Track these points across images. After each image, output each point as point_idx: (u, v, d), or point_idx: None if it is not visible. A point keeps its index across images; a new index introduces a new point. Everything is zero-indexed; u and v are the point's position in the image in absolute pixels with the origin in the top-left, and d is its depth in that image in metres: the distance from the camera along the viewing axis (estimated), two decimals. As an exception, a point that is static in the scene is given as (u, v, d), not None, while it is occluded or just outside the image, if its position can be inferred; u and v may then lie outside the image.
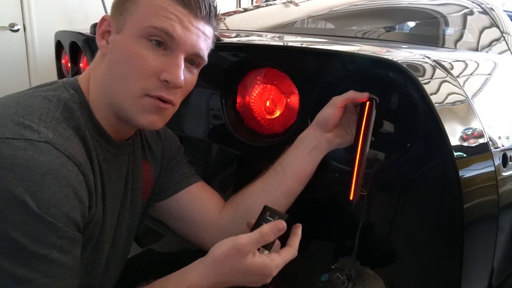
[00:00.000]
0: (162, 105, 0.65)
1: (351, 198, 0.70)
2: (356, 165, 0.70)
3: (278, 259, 0.63)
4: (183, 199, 0.84)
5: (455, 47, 1.28)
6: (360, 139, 0.71)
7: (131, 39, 0.63)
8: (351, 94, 0.73)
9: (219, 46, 0.74)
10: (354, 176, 0.70)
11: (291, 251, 0.66)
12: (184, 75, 0.65)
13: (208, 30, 0.67)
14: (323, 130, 0.76)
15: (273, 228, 0.63)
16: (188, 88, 0.69)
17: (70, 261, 0.56)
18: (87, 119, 0.65)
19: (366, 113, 0.71)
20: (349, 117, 0.77)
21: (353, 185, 0.70)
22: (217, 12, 0.69)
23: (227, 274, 0.62)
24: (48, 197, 0.52)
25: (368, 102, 0.71)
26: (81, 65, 1.53)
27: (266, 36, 1.23)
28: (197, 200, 0.84)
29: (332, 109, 0.75)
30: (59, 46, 1.68)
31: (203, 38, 0.66)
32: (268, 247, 0.65)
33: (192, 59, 0.67)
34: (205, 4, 0.65)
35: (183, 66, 0.64)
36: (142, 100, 0.63)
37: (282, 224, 0.63)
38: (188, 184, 0.85)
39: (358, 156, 0.70)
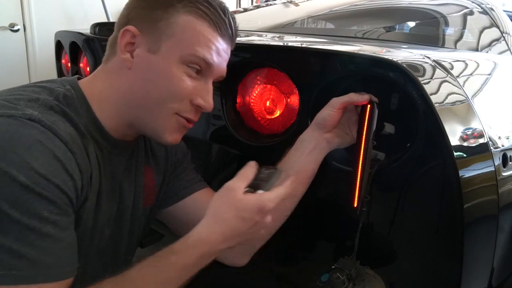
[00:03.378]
0: (188, 125, 0.68)
1: (355, 206, 0.70)
2: (359, 172, 0.70)
3: (269, 194, 0.62)
4: (189, 206, 0.83)
5: (455, 47, 1.28)
6: (362, 146, 0.70)
7: (172, 63, 0.64)
8: (351, 97, 0.73)
9: (219, 46, 0.74)
10: (357, 183, 0.69)
11: (282, 188, 0.64)
12: None
13: (230, 50, 0.70)
14: (322, 131, 0.76)
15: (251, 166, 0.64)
16: None
17: (67, 238, 0.55)
18: (84, 114, 0.65)
19: (367, 118, 0.70)
20: (349, 118, 0.77)
21: (356, 192, 0.70)
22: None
23: (229, 218, 0.60)
24: (36, 167, 0.51)
25: (369, 106, 0.71)
26: (81, 65, 1.53)
27: (266, 36, 1.23)
28: (203, 206, 0.82)
29: (330, 111, 0.74)
30: (59, 46, 1.68)
31: (226, 61, 0.69)
32: (261, 186, 0.63)
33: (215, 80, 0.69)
34: (235, 31, 0.68)
35: (212, 90, 0.67)
36: (172, 119, 0.66)
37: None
38: (194, 191, 0.84)
39: (360, 162, 0.70)
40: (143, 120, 0.67)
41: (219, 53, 0.66)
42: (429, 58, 0.80)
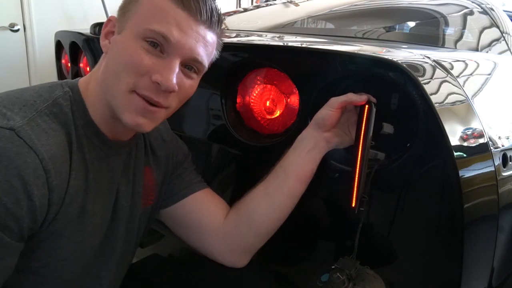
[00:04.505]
0: (150, 107, 0.64)
1: (353, 205, 0.70)
2: (357, 172, 0.70)
3: None
4: (189, 206, 0.84)
5: (455, 47, 1.28)
6: (360, 146, 0.70)
7: (129, 38, 0.63)
8: (349, 97, 0.73)
9: (219, 46, 0.74)
10: (355, 183, 0.70)
11: None
12: (180, 80, 0.65)
13: (210, 36, 0.66)
14: (321, 130, 0.76)
15: None
16: (186, 93, 0.68)
17: None
18: (80, 117, 0.65)
19: (365, 118, 0.71)
20: (348, 118, 0.77)
21: (354, 192, 0.70)
22: (221, 19, 0.68)
23: None
24: None
25: (366, 106, 0.71)
26: (81, 65, 1.53)
27: (266, 36, 1.23)
28: (203, 207, 0.84)
29: (329, 110, 0.74)
30: (59, 46, 1.68)
31: (202, 43, 0.65)
32: None
33: (189, 64, 0.66)
34: (206, 8, 0.64)
35: (177, 70, 0.63)
36: (130, 97, 0.63)
37: None
38: (194, 191, 0.84)
39: (358, 163, 0.70)
40: (109, 102, 0.65)
41: (183, 29, 0.62)
42: (429, 58, 0.80)
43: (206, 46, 0.66)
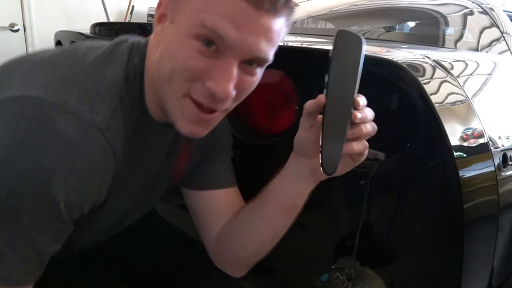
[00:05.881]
0: (205, 116, 0.58)
1: (323, 169, 0.57)
2: (323, 123, 0.58)
3: None
4: (201, 199, 0.81)
5: (455, 47, 1.28)
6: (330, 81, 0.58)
7: (180, 35, 0.54)
8: (307, 106, 0.63)
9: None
10: (321, 139, 0.57)
11: None
12: (239, 80, 0.56)
13: (275, 24, 0.54)
14: (303, 157, 0.66)
15: None
16: (247, 90, 0.60)
17: (48, 252, 0.53)
18: (138, 97, 0.61)
19: (334, 49, 0.58)
20: None
21: (320, 152, 0.57)
22: None
23: None
24: (75, 184, 0.51)
25: (337, 33, 0.58)
26: (81, 65, 1.53)
27: (266, 36, 1.22)
28: (209, 208, 0.81)
29: (302, 133, 0.64)
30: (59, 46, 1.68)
31: (264, 36, 0.54)
32: None
33: (251, 60, 0.56)
34: None
35: (234, 74, 0.54)
36: (183, 102, 0.57)
37: None
38: (210, 188, 0.79)
39: (326, 111, 0.58)
40: (164, 103, 0.60)
41: (240, 24, 0.51)
42: (429, 58, 0.80)
43: (270, 38, 0.55)
